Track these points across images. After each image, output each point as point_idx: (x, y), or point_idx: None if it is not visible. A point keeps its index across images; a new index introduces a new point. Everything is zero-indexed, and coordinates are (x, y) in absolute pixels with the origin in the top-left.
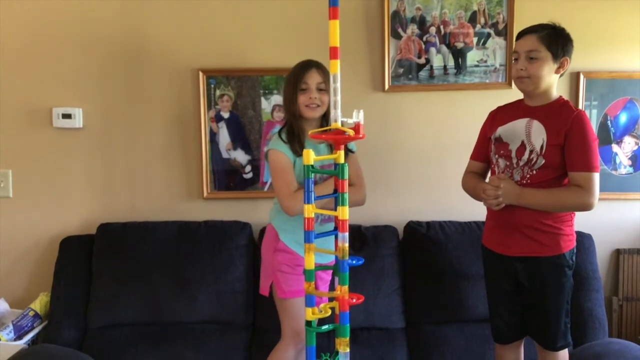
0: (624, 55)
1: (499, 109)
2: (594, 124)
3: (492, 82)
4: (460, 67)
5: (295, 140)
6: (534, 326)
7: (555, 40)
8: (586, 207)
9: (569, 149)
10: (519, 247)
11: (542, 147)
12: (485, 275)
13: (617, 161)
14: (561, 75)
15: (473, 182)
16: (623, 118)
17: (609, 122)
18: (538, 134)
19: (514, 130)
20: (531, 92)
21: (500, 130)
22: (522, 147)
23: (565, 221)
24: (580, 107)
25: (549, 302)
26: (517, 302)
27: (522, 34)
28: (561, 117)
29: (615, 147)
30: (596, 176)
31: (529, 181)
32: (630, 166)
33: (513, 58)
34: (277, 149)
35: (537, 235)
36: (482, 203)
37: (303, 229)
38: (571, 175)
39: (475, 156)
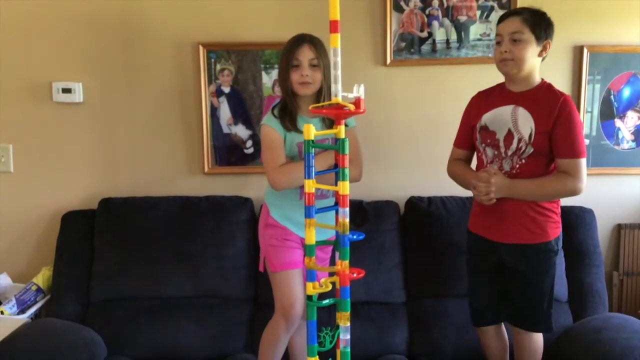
0: (629, 29)
1: (480, 94)
2: (597, 99)
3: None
4: (462, 41)
5: (287, 116)
6: (516, 310)
7: (539, 22)
8: (575, 192)
9: (557, 136)
10: (508, 235)
11: (530, 135)
12: (468, 259)
13: (620, 136)
14: (543, 59)
15: (461, 171)
16: (626, 93)
17: (612, 96)
18: (525, 122)
19: (500, 118)
20: (515, 75)
21: (486, 118)
22: (510, 135)
23: (552, 209)
24: (583, 82)
25: (534, 287)
26: (497, 286)
27: (504, 17)
28: (548, 104)
29: (618, 122)
30: (583, 161)
31: (518, 171)
32: (633, 141)
33: (496, 41)
34: (267, 124)
35: (526, 222)
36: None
37: (292, 205)
38: (559, 162)
39: (459, 144)
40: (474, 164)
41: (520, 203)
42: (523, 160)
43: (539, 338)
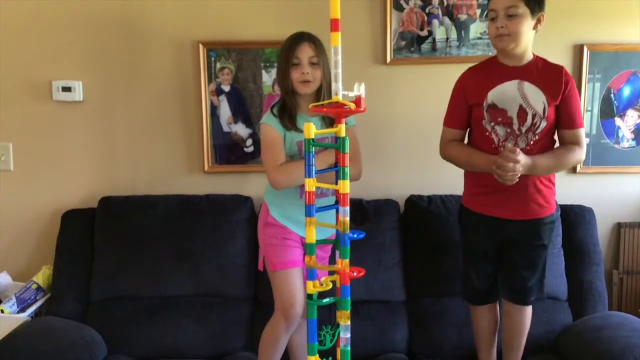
0: (629, 27)
1: (473, 71)
2: (597, 98)
3: (495, 54)
4: (462, 40)
5: (286, 115)
6: (512, 283)
7: None
8: (580, 161)
9: (566, 108)
10: (519, 211)
11: (544, 109)
12: (467, 238)
13: (620, 135)
14: (536, 32)
15: (465, 152)
16: (626, 91)
17: (612, 95)
18: (537, 97)
19: (507, 94)
20: (511, 50)
21: (492, 96)
22: (523, 111)
23: (553, 181)
24: (583, 80)
25: (538, 259)
26: (494, 264)
27: None
28: (552, 77)
29: (618, 121)
30: (584, 130)
31: (532, 147)
32: (633, 140)
33: (489, 17)
34: (267, 123)
35: (537, 198)
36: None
37: (292, 204)
38: (566, 133)
39: (454, 123)
40: (471, 152)
41: (531, 179)
42: (537, 136)
43: (529, 314)
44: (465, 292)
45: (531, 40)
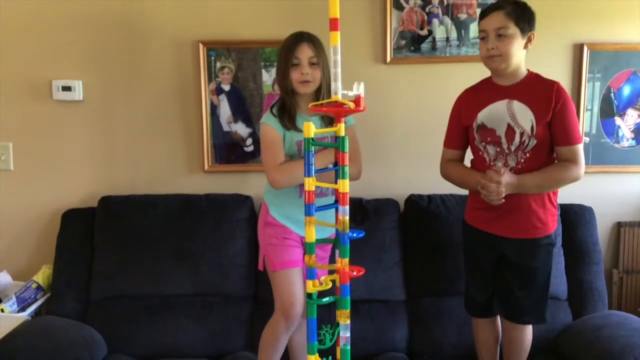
0: (629, 27)
1: (468, 92)
2: (597, 97)
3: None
4: (463, 39)
5: (286, 114)
6: (509, 301)
7: (522, 15)
8: (578, 179)
9: (557, 125)
10: (512, 229)
11: (532, 127)
12: (466, 251)
13: (620, 134)
14: (527, 50)
15: (460, 173)
16: (626, 91)
17: (612, 94)
18: (524, 115)
19: (496, 114)
20: (503, 70)
21: (482, 117)
22: (511, 130)
23: (553, 202)
24: (583, 80)
25: (534, 281)
26: (492, 279)
27: (487, 12)
28: (543, 94)
29: (618, 120)
30: (581, 147)
31: (524, 165)
32: (633, 139)
33: (480, 37)
34: (266, 123)
35: (530, 217)
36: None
37: (291, 203)
38: (560, 150)
39: (451, 144)
40: (469, 163)
41: (525, 198)
42: (527, 154)
43: (529, 332)
44: (465, 303)
45: (523, 59)
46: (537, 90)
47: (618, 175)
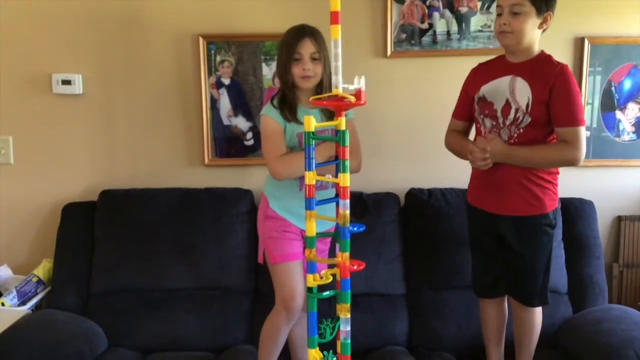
0: (630, 20)
1: (480, 66)
2: (597, 91)
3: (496, 47)
4: (463, 32)
5: (286, 106)
6: (513, 283)
7: None
8: (573, 161)
9: (554, 105)
10: (506, 207)
11: (527, 105)
12: (469, 231)
13: (621, 128)
14: (544, 31)
15: (458, 141)
16: (627, 84)
17: (613, 88)
18: (523, 92)
19: (498, 88)
20: (514, 47)
21: (484, 90)
22: (507, 105)
23: (550, 181)
24: (584, 73)
25: (531, 260)
26: (498, 258)
27: None
28: (544, 73)
29: (618, 114)
30: (582, 130)
31: (516, 140)
32: (634, 133)
33: (496, 13)
34: (267, 115)
35: (524, 195)
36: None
37: (291, 196)
38: (558, 131)
39: (457, 115)
40: (472, 136)
41: (516, 173)
42: (521, 130)
43: (538, 312)
44: (473, 284)
45: (536, 39)
46: (541, 70)
47: (619, 169)
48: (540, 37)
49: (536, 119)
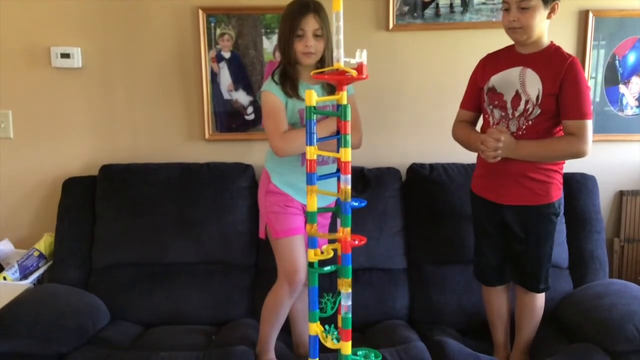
0: None
1: (489, 56)
2: (601, 64)
3: (499, 20)
4: (467, 5)
5: (288, 82)
6: (519, 270)
7: None
8: (580, 154)
9: (564, 97)
10: (511, 196)
11: (537, 97)
12: (473, 220)
13: (624, 102)
14: (551, 20)
15: (466, 132)
16: (631, 58)
17: (616, 62)
18: (533, 84)
19: (508, 79)
20: (524, 40)
21: (494, 80)
22: (517, 97)
23: (555, 170)
24: (588, 47)
25: (536, 249)
26: (501, 247)
27: None
28: (555, 65)
29: (622, 88)
30: (589, 123)
31: (524, 132)
32: (637, 107)
33: (503, 8)
34: (268, 90)
35: (530, 184)
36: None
37: (293, 171)
38: (565, 123)
39: (465, 105)
40: (479, 127)
41: (522, 165)
42: (530, 122)
43: (540, 297)
44: (475, 271)
45: (546, 29)
46: (551, 62)
47: (621, 143)
48: None
49: (546, 111)
